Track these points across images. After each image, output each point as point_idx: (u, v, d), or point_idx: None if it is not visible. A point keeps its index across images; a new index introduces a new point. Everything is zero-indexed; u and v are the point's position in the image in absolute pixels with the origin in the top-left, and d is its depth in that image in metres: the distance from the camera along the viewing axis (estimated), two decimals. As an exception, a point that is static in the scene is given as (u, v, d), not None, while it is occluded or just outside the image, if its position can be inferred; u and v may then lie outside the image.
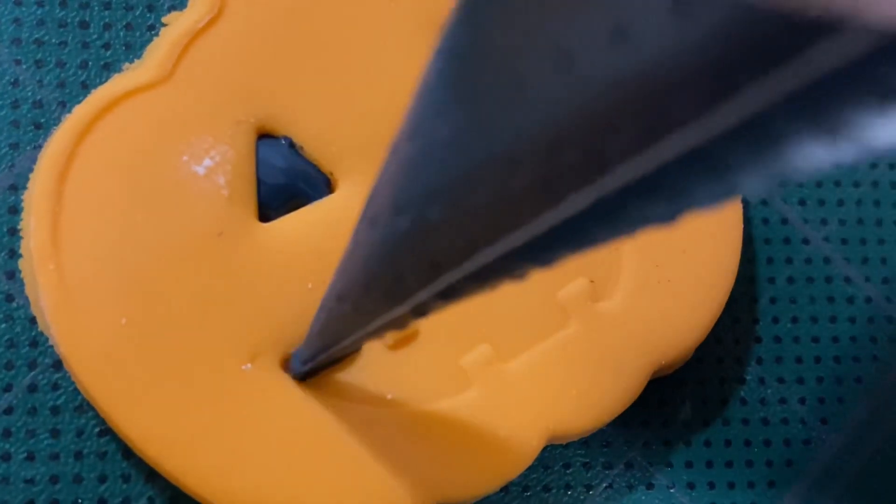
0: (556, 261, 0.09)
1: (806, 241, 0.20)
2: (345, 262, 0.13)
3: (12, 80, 0.17)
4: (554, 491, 0.18)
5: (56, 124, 0.17)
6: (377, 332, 0.13)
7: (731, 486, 0.19)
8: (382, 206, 0.11)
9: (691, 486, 0.19)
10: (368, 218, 0.11)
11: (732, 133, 0.07)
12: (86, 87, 0.18)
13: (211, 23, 0.17)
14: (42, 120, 0.17)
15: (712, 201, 0.08)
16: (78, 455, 0.16)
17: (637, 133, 0.07)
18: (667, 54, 0.07)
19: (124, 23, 0.18)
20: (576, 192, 0.08)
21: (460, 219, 0.10)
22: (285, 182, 0.17)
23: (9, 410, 0.16)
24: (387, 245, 0.11)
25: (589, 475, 0.18)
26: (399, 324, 0.12)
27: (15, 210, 0.17)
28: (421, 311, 0.11)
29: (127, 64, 0.17)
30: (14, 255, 0.17)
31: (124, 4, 0.18)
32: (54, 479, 0.16)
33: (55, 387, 0.17)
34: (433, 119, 0.10)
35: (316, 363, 0.16)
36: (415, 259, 0.11)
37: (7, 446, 0.16)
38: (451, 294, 0.11)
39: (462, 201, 0.09)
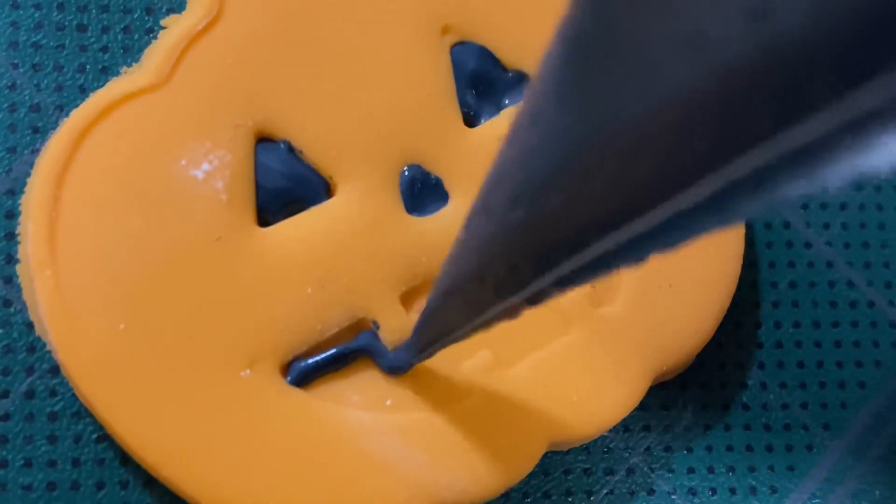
0: (676, 246, 0.09)
1: (808, 245, 0.20)
2: (455, 253, 0.13)
3: (9, 83, 0.17)
4: (554, 497, 0.18)
5: (54, 128, 0.17)
6: (488, 323, 0.13)
7: (733, 491, 0.19)
8: (498, 196, 0.11)
9: (693, 491, 0.19)
10: (483, 209, 0.11)
11: (872, 113, 0.07)
12: (83, 91, 0.17)
13: (209, 26, 0.16)
14: (39, 124, 0.17)
15: (841, 185, 0.07)
16: (76, 462, 0.16)
17: (773, 116, 0.07)
18: (808, 32, 0.06)
19: (122, 26, 0.18)
20: (702, 179, 0.08)
21: (579, 208, 0.09)
22: (284, 186, 0.17)
23: (6, 416, 0.16)
24: (501, 236, 0.11)
25: (590, 481, 0.18)
26: (512, 313, 0.12)
27: (12, 215, 0.17)
28: (535, 300, 0.11)
29: (125, 67, 0.17)
30: (11, 260, 0.17)
31: (122, 7, 0.18)
32: (52, 486, 0.16)
33: (53, 393, 0.16)
34: (555, 106, 0.09)
35: (424, 355, 0.16)
36: (530, 250, 0.11)
37: (4, 453, 0.16)
38: (568, 282, 0.11)
39: (582, 189, 0.09)
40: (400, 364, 0.16)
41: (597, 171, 0.09)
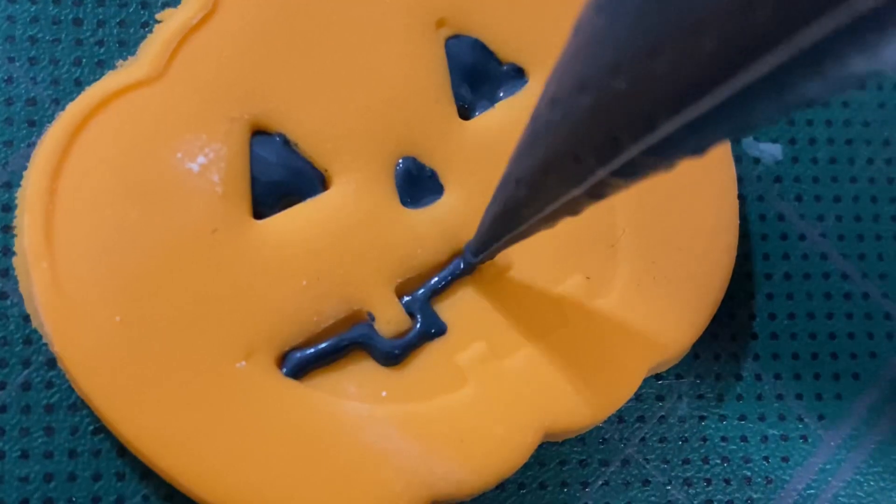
0: (740, 132, 0.09)
1: (803, 238, 0.20)
2: (521, 146, 0.13)
3: (6, 77, 0.17)
4: (550, 488, 0.18)
5: (50, 121, 0.17)
6: (552, 218, 0.13)
7: (728, 482, 0.19)
8: (565, 83, 0.11)
9: (688, 482, 0.19)
10: (549, 98, 0.12)
11: None
12: (79, 85, 0.17)
13: (205, 20, 0.17)
14: (36, 117, 0.17)
15: (867, 73, 0.07)
16: (72, 453, 0.16)
17: None
18: None
19: (118, 20, 0.18)
20: (766, 53, 0.08)
21: (644, 89, 0.10)
22: (279, 179, 0.17)
23: (3, 408, 0.16)
24: (568, 123, 0.11)
25: (585, 472, 0.18)
26: (574, 208, 0.12)
27: (8, 208, 0.17)
28: (597, 192, 0.12)
29: (121, 61, 0.17)
30: (8, 252, 0.17)
31: (118, 1, 0.18)
32: (48, 478, 0.16)
33: (49, 385, 0.16)
34: None
35: (487, 254, 0.16)
36: (596, 135, 0.11)
37: (1, 444, 0.16)
38: (629, 172, 0.11)
39: (647, 70, 0.10)
40: (466, 263, 0.17)
41: (663, 50, 0.09)
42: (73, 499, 0.16)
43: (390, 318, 0.17)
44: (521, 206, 0.14)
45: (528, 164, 0.13)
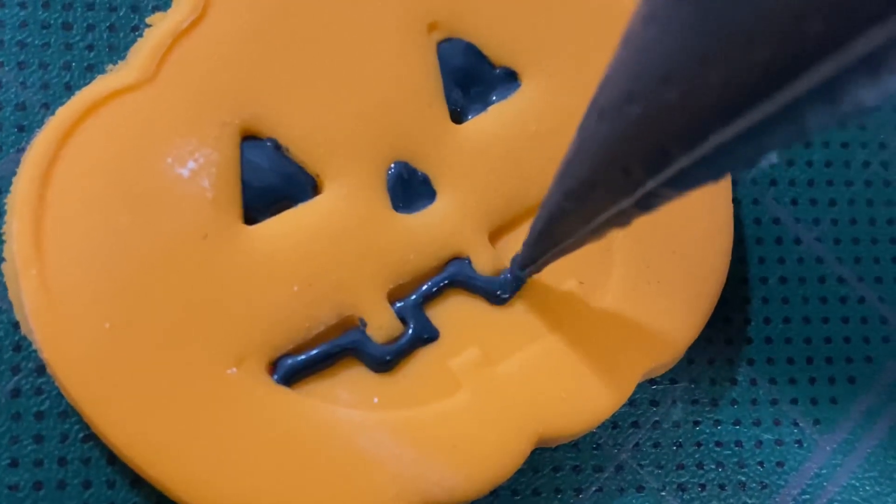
0: (793, 142, 0.09)
1: (798, 241, 0.20)
2: (568, 160, 0.13)
3: (-5, 82, 0.17)
4: (543, 494, 0.18)
5: (39, 126, 0.17)
6: (600, 231, 0.13)
7: (723, 487, 0.19)
8: (613, 95, 0.11)
9: (682, 487, 0.19)
10: (597, 110, 0.12)
11: None
12: (69, 89, 0.17)
13: (195, 24, 0.16)
14: (25, 122, 0.17)
15: None
16: (62, 461, 0.16)
17: None
18: None
19: (108, 24, 0.18)
20: (818, 62, 0.08)
21: (695, 101, 0.10)
22: (271, 184, 0.16)
23: (-8, 416, 0.16)
24: (616, 134, 0.11)
25: (579, 478, 0.18)
26: (623, 220, 0.12)
27: (-2, 213, 0.17)
28: (647, 203, 0.12)
29: (111, 65, 0.17)
30: (-3, 259, 0.17)
31: (108, 6, 0.18)
32: (38, 486, 0.16)
33: (39, 392, 0.16)
34: (672, 2, 0.10)
35: (534, 267, 0.16)
36: (645, 146, 0.11)
37: (-10, 452, 0.16)
38: (680, 182, 0.11)
39: (700, 79, 0.09)
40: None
41: (715, 60, 0.09)
42: (63, 506, 0.16)
43: (382, 324, 0.17)
44: (569, 219, 0.14)
45: (575, 177, 0.13)
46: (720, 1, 0.09)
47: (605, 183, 0.12)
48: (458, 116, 0.18)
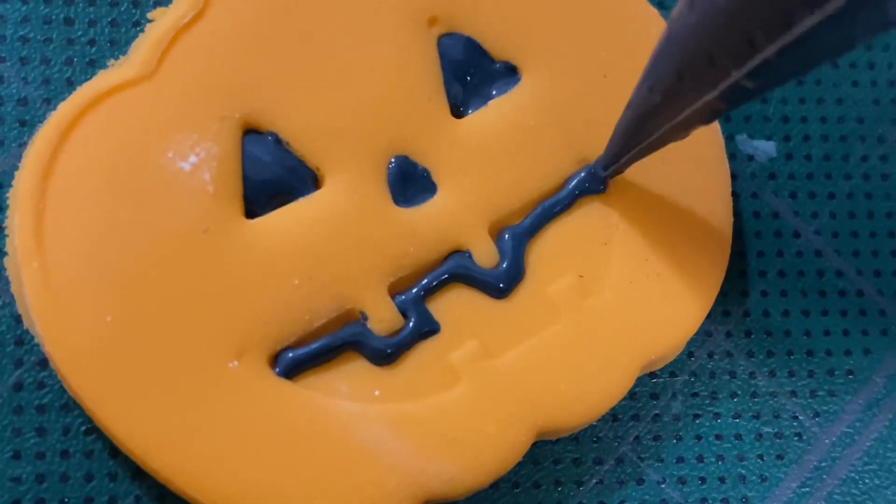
0: (881, 31, 0.09)
1: (797, 235, 0.20)
2: (656, 54, 0.13)
3: (-3, 77, 0.17)
4: (544, 487, 0.18)
5: (41, 121, 0.17)
6: (685, 126, 0.13)
7: (722, 480, 0.19)
8: None
9: (682, 480, 0.19)
10: (685, 3, 0.12)
11: None
12: (71, 84, 0.17)
13: (196, 18, 0.17)
14: (27, 117, 0.17)
15: None
16: (64, 454, 0.16)
17: None
18: None
19: (109, 19, 0.18)
20: None
21: None
22: (271, 178, 0.17)
23: (-6, 409, 0.16)
24: (704, 24, 0.11)
25: (579, 471, 0.18)
26: (707, 115, 0.13)
27: (0, 208, 0.17)
28: (731, 96, 0.12)
29: (112, 60, 0.17)
30: (-1, 253, 0.17)
31: (109, 1, 0.18)
32: (40, 478, 0.16)
33: (41, 385, 0.16)
34: None
35: (618, 166, 0.16)
36: (731, 36, 0.11)
37: (-7, 445, 0.16)
38: (763, 74, 0.11)
39: None
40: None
41: None
42: (66, 499, 0.16)
43: (383, 317, 0.17)
44: (655, 114, 0.14)
45: (662, 70, 0.13)
46: None
47: (691, 74, 0.12)
48: (458, 111, 0.18)
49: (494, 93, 0.18)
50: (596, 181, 0.18)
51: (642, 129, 0.14)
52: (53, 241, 0.15)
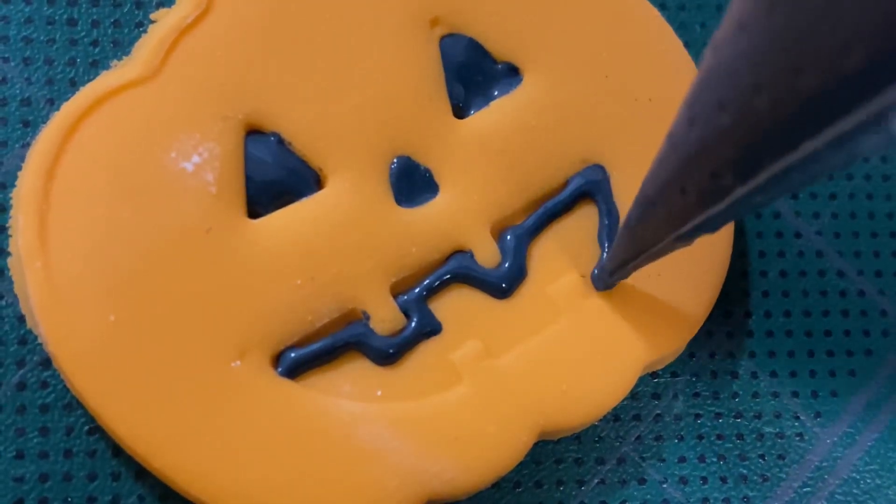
0: (882, 148, 0.09)
1: (798, 235, 0.20)
2: (657, 166, 0.13)
3: (0, 77, 0.17)
4: (546, 486, 0.18)
5: (44, 122, 0.17)
6: (689, 237, 0.13)
7: (724, 480, 0.19)
8: (703, 102, 0.11)
9: (684, 480, 0.19)
10: (689, 116, 0.12)
11: None
12: (74, 85, 0.18)
13: (199, 19, 0.17)
14: (30, 117, 0.17)
15: None
16: (67, 453, 0.16)
17: None
18: None
19: (112, 20, 0.18)
20: None
21: (786, 109, 0.10)
22: (274, 178, 0.17)
23: (-2, 409, 0.16)
24: (706, 142, 0.11)
25: (581, 470, 0.18)
26: (712, 226, 0.12)
27: (3, 208, 0.17)
28: (736, 210, 0.12)
29: (115, 61, 0.17)
30: (2, 253, 0.17)
31: (112, 1, 0.18)
32: (44, 478, 0.16)
33: (44, 385, 0.16)
34: (763, 12, 0.10)
35: (623, 273, 0.16)
36: (736, 154, 0.11)
37: (-4, 445, 0.16)
38: (771, 189, 0.11)
39: (792, 87, 0.09)
40: (598, 286, 0.17)
41: (807, 69, 0.09)
42: (69, 499, 0.16)
43: (385, 317, 0.17)
44: (659, 224, 0.14)
45: (664, 184, 0.13)
46: (811, 11, 0.09)
47: (694, 189, 0.12)
48: (460, 111, 0.18)
49: (496, 93, 0.18)
50: (601, 283, 0.17)
51: (646, 239, 0.14)
52: (57, 241, 0.15)
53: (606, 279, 0.17)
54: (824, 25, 0.09)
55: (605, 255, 0.17)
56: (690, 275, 0.18)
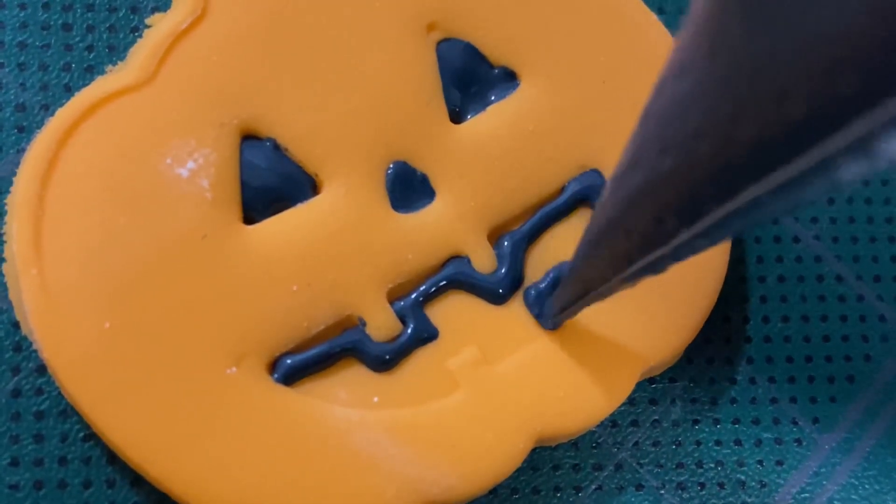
0: (825, 193, 0.09)
1: (797, 240, 0.20)
2: (601, 208, 0.13)
3: (-5, 83, 0.17)
4: (543, 493, 0.18)
5: (39, 127, 0.17)
6: (633, 278, 0.13)
7: (722, 486, 0.19)
8: (646, 146, 0.11)
9: (681, 486, 0.19)
10: (630, 161, 0.12)
11: None
12: (69, 90, 0.17)
13: (194, 24, 0.16)
14: (25, 123, 0.17)
15: None
16: (62, 460, 0.16)
17: None
18: None
19: (107, 25, 0.18)
20: (851, 120, 0.08)
21: (729, 153, 0.10)
22: (270, 184, 0.17)
23: (-8, 416, 0.16)
24: (649, 185, 0.11)
25: (578, 477, 0.18)
26: (657, 268, 0.12)
27: (-2, 214, 0.17)
28: (680, 253, 0.11)
29: (110, 66, 0.17)
30: (-3, 259, 0.17)
31: (107, 6, 0.18)
32: (38, 485, 0.16)
33: (39, 392, 0.16)
34: (705, 56, 0.10)
35: (569, 313, 0.16)
36: (678, 198, 0.11)
37: (-9, 452, 0.16)
38: (714, 233, 0.11)
39: (732, 135, 0.09)
40: (546, 326, 0.17)
41: (747, 117, 0.09)
42: (64, 506, 0.16)
43: (381, 323, 0.17)
44: (604, 266, 0.13)
45: (609, 226, 0.13)
46: (753, 57, 0.09)
47: (637, 232, 0.12)
48: (456, 116, 0.18)
49: (493, 98, 0.18)
50: (548, 322, 0.17)
51: (592, 280, 0.14)
52: (52, 247, 0.15)
53: (553, 318, 0.17)
54: (764, 73, 0.09)
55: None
56: (688, 280, 0.18)
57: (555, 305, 0.16)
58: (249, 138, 0.17)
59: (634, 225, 0.12)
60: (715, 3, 0.09)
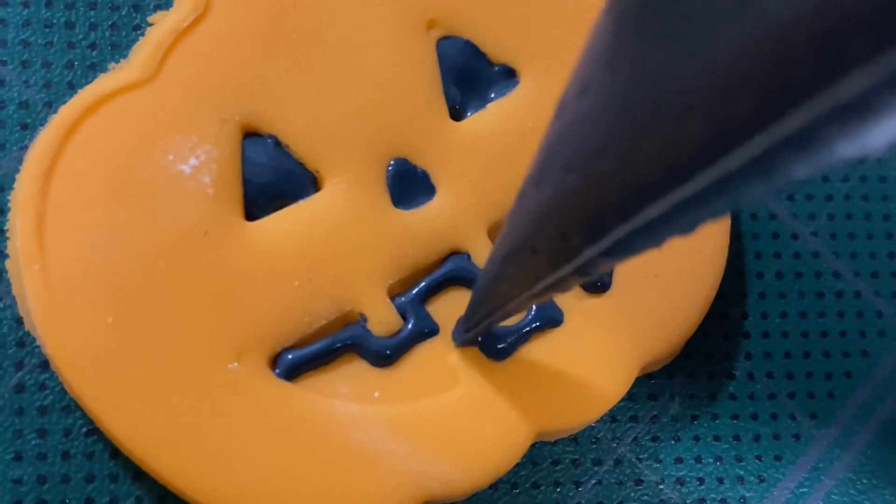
0: (724, 212, 0.09)
1: (795, 236, 0.20)
2: (509, 224, 0.13)
3: (-2, 80, 0.17)
4: (543, 488, 0.18)
5: (42, 125, 0.17)
6: (541, 295, 0.13)
7: (721, 481, 0.19)
8: (550, 164, 0.11)
9: (681, 481, 0.19)
10: (535, 178, 0.12)
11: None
12: (72, 88, 0.18)
13: (196, 22, 0.17)
14: (28, 120, 0.17)
15: (852, 157, 0.07)
16: (65, 455, 0.16)
17: (816, 72, 0.07)
18: None
19: (110, 23, 0.18)
20: (749, 138, 0.08)
21: (628, 173, 0.10)
22: (271, 180, 0.17)
23: (-4, 411, 0.16)
24: (554, 203, 0.11)
25: (578, 472, 0.18)
26: (563, 286, 0.12)
27: (1, 211, 0.17)
28: (585, 270, 0.11)
29: (113, 64, 0.17)
30: (0, 255, 0.17)
31: (110, 4, 0.18)
32: (42, 480, 0.16)
33: (42, 387, 0.17)
34: (606, 73, 0.10)
35: (478, 330, 0.16)
36: (582, 216, 0.11)
37: (-6, 447, 0.16)
38: (617, 251, 0.11)
39: (633, 152, 0.09)
40: (457, 342, 0.17)
41: (648, 134, 0.09)
42: (67, 501, 0.16)
43: (382, 319, 0.17)
44: (511, 284, 0.13)
45: (515, 242, 0.13)
46: (652, 76, 0.09)
47: (544, 249, 0.12)
48: (456, 113, 0.18)
49: (493, 95, 0.18)
50: (458, 338, 0.17)
51: (499, 297, 0.14)
52: (54, 243, 0.15)
53: (463, 335, 0.16)
54: (664, 91, 0.09)
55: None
56: (686, 276, 0.18)
57: (464, 322, 0.16)
58: (251, 135, 0.17)
59: (541, 242, 0.12)
60: (616, 20, 0.10)
